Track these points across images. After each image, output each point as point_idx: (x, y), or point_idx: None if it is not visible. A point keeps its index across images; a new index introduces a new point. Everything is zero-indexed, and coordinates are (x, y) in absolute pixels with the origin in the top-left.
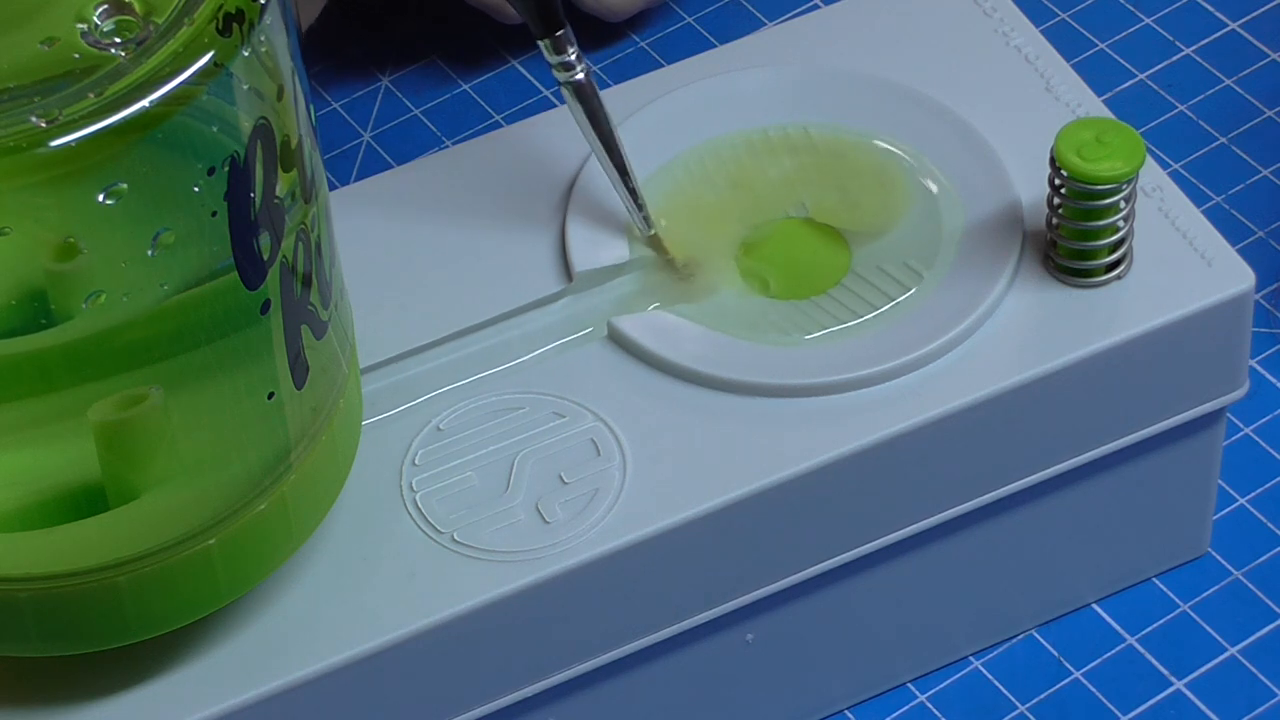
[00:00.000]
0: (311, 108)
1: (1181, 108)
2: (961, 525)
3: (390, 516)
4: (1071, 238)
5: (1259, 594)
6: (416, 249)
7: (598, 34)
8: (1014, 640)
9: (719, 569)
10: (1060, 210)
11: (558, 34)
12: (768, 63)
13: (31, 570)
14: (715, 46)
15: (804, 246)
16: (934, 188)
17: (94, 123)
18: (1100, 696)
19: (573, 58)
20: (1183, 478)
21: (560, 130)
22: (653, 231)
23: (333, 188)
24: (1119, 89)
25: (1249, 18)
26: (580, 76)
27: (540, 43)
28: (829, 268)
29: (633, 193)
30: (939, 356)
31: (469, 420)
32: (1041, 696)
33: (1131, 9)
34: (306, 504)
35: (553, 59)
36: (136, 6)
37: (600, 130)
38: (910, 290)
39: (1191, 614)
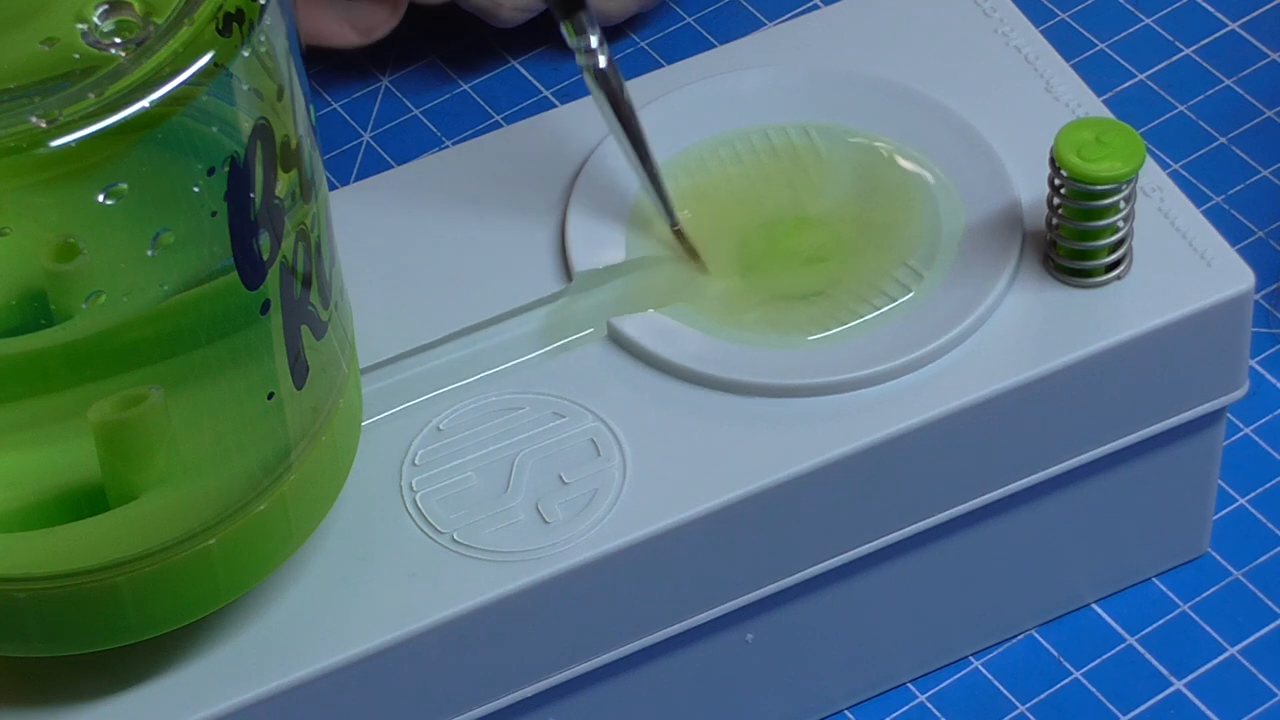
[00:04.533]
0: (311, 108)
1: (1181, 108)
2: (961, 525)
3: (390, 516)
4: (1071, 238)
5: (1259, 594)
6: (416, 249)
7: None
8: (1014, 640)
9: (719, 569)
10: (1060, 210)
11: (578, 13)
12: (768, 63)
13: (31, 570)
14: (715, 46)
15: (804, 247)
16: (934, 188)
17: (94, 123)
18: (1100, 696)
19: (594, 42)
20: (1183, 478)
21: (560, 130)
22: (677, 225)
23: (333, 188)
24: (1119, 89)
25: (1249, 18)
26: (602, 62)
27: (561, 25)
28: (829, 268)
29: (656, 184)
30: (939, 356)
31: (469, 420)
32: (1041, 696)
33: (1131, 9)
34: (306, 504)
35: (573, 41)
36: (136, 6)
37: (623, 118)
38: (910, 290)
39: (1191, 614)
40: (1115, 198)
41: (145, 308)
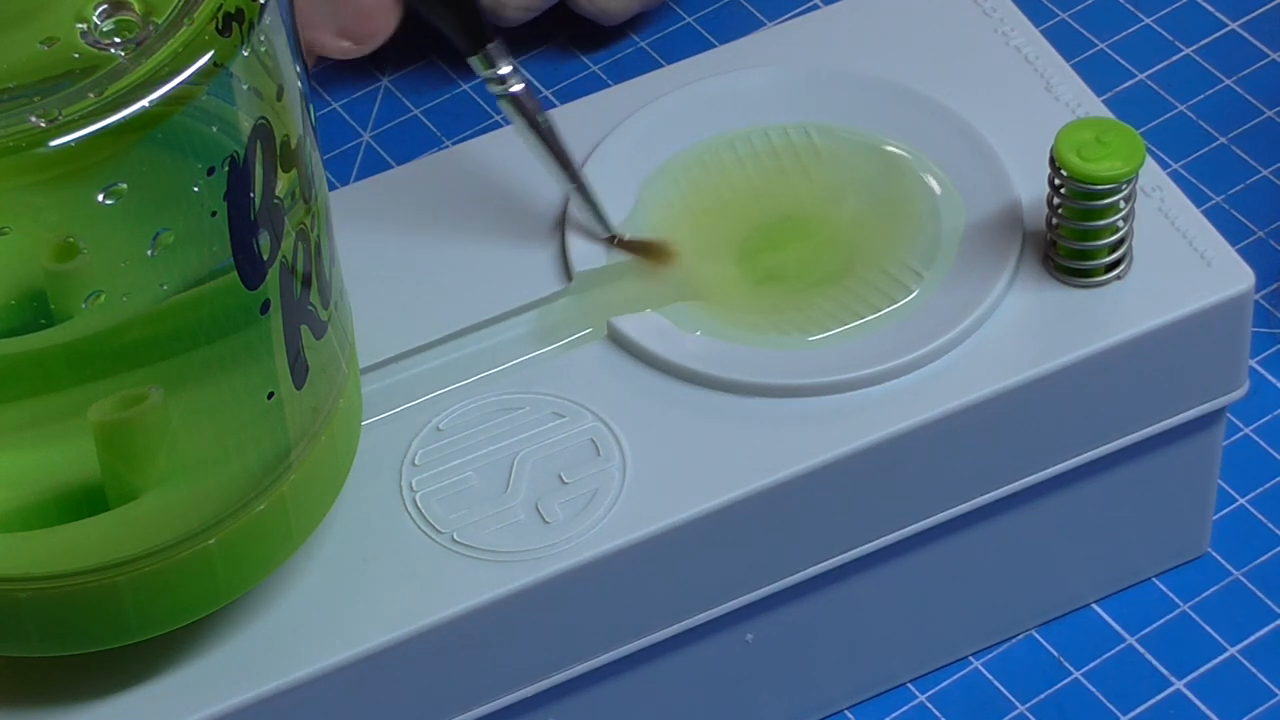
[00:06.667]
0: (311, 108)
1: (1181, 108)
2: (961, 525)
3: (390, 516)
4: (1071, 238)
5: (1259, 594)
6: (416, 249)
7: (597, 35)
8: (1014, 640)
9: (719, 569)
10: (1060, 210)
11: (488, 47)
12: (768, 63)
13: (31, 570)
14: (715, 46)
15: (804, 247)
16: (934, 188)
17: (94, 123)
18: (1100, 696)
19: (507, 70)
20: (1183, 478)
21: (560, 130)
22: (610, 234)
23: (333, 188)
24: (1119, 89)
25: (1249, 18)
26: (518, 89)
27: (471, 60)
28: (829, 268)
29: (585, 197)
30: (939, 356)
31: (469, 420)
32: (1041, 696)
33: (1131, 9)
34: (306, 504)
35: (485, 73)
36: (136, 6)
37: (543, 136)
38: (910, 290)
39: (1191, 614)
40: (1115, 198)
41: (145, 308)
